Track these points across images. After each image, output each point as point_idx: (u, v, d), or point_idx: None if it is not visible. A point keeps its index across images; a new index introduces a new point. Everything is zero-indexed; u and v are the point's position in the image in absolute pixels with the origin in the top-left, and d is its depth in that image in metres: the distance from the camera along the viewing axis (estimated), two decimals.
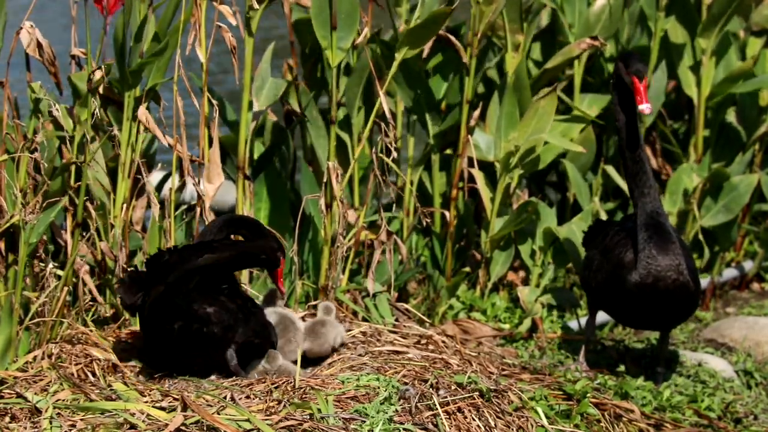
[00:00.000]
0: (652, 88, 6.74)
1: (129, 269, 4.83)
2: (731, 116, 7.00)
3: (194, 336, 4.46)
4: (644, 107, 5.15)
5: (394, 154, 5.50)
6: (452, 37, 5.89)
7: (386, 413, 4.22)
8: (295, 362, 4.60)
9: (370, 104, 5.98)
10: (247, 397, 4.29)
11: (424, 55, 6.21)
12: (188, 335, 4.46)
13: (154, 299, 4.41)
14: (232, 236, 4.92)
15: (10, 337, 4.56)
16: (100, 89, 5.04)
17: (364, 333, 5.05)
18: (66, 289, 4.80)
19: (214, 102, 5.26)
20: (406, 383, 4.45)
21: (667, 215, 5.28)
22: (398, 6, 6.38)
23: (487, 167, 6.15)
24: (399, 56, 5.50)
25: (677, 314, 5.34)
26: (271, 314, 4.81)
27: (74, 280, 4.95)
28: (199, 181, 5.27)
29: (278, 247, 4.80)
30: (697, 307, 5.45)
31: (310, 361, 4.83)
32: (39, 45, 5.02)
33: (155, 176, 6.05)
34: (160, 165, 5.76)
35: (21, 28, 4.99)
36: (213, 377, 4.51)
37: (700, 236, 6.69)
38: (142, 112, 5.03)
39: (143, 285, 4.47)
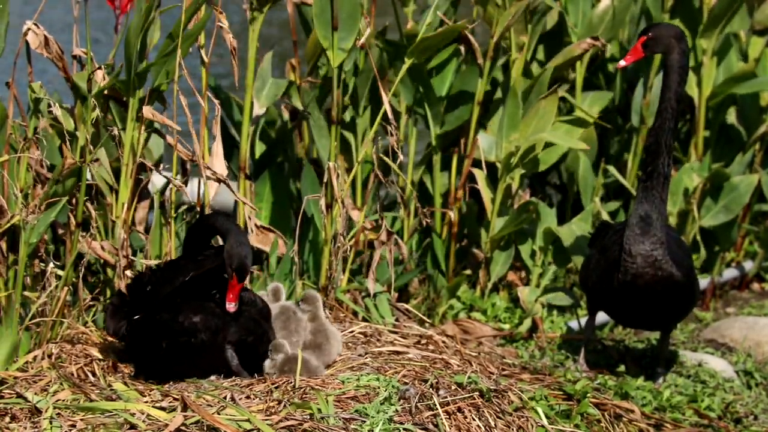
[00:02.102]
0: (656, 88, 6.74)
1: (113, 295, 4.81)
2: (732, 116, 7.00)
3: (184, 348, 4.43)
4: (619, 62, 5.36)
5: (401, 157, 5.50)
6: (472, 38, 5.90)
7: (386, 413, 4.22)
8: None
9: (375, 104, 5.98)
10: (247, 397, 4.29)
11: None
12: (178, 349, 4.43)
13: (138, 321, 4.42)
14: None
15: (11, 337, 4.56)
16: (106, 90, 5.05)
17: (364, 333, 5.06)
18: (66, 289, 4.80)
19: (216, 101, 5.26)
20: (406, 383, 4.45)
21: (663, 215, 5.24)
22: (405, 6, 6.39)
23: (488, 167, 6.15)
24: (408, 62, 5.50)
25: (668, 310, 5.34)
26: (274, 308, 4.78)
27: (74, 280, 4.95)
28: (199, 181, 5.27)
29: (236, 261, 4.40)
30: (693, 306, 5.43)
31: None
32: (46, 41, 5.01)
33: (158, 177, 6.05)
34: (161, 166, 5.76)
35: (28, 29, 4.99)
36: (213, 377, 4.51)
37: (700, 236, 6.69)
38: (147, 109, 5.03)
39: (128, 311, 4.49)
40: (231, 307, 4.41)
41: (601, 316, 6.15)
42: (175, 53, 4.96)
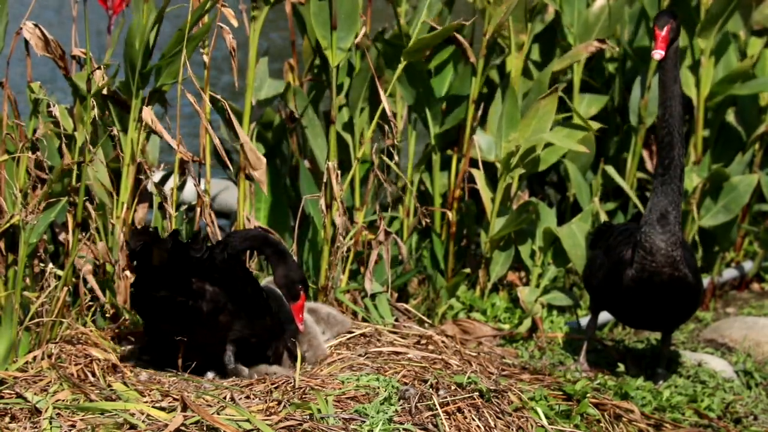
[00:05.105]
0: (654, 88, 6.73)
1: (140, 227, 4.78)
2: (731, 116, 7.00)
3: (180, 308, 4.40)
4: (654, 53, 5.20)
5: (396, 158, 5.48)
6: (461, 38, 5.89)
7: (386, 413, 4.22)
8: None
9: (373, 104, 5.98)
10: (247, 397, 4.29)
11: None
12: (174, 307, 4.40)
13: (158, 261, 4.36)
14: (251, 251, 4.99)
15: (10, 337, 4.56)
16: (105, 90, 5.04)
17: (363, 333, 5.05)
18: (66, 289, 4.80)
19: (224, 101, 5.26)
20: (405, 383, 4.45)
21: (678, 215, 5.22)
22: (398, 6, 6.38)
23: (487, 167, 6.15)
24: (404, 61, 5.50)
25: (676, 311, 5.34)
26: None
27: (74, 280, 4.95)
28: (199, 181, 5.27)
29: (299, 280, 4.68)
30: (698, 307, 5.43)
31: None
32: (46, 42, 5.00)
33: (156, 176, 6.04)
34: (161, 165, 5.76)
35: (21, 28, 4.98)
36: (211, 376, 4.51)
37: (700, 236, 6.69)
38: (147, 112, 5.02)
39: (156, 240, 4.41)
40: (302, 326, 4.72)
41: (602, 316, 6.15)
42: (178, 54, 4.96)
